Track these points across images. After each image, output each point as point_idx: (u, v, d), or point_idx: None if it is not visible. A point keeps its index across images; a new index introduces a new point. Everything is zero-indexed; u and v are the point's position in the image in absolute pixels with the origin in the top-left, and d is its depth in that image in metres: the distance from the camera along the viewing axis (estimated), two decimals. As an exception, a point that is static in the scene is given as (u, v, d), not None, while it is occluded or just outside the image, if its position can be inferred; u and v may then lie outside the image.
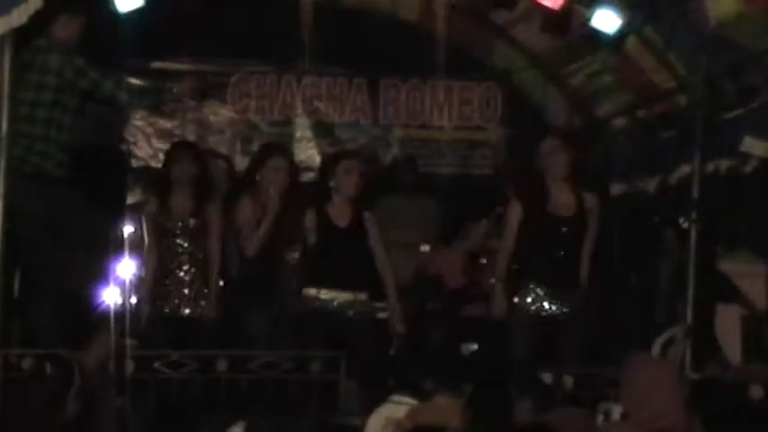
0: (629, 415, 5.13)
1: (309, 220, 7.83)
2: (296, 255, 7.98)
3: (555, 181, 7.78)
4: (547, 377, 7.33)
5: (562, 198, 7.77)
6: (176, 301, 7.95)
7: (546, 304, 7.65)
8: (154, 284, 7.98)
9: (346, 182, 7.90)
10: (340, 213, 7.89)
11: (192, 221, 8.02)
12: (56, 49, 7.26)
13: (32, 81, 7.06)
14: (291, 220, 7.89)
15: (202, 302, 7.97)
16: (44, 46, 7.18)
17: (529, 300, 7.66)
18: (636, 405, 5.04)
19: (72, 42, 7.41)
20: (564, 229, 7.71)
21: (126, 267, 7.83)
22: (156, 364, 7.22)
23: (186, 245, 8.00)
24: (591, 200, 7.85)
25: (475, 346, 8.03)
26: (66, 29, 7.36)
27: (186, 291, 7.96)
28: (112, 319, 6.63)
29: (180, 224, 8.01)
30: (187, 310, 7.94)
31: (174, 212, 8.03)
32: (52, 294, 7.27)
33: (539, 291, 7.66)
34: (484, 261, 9.14)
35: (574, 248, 7.74)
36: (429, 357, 8.30)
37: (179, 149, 8.47)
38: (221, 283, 8.08)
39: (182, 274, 7.97)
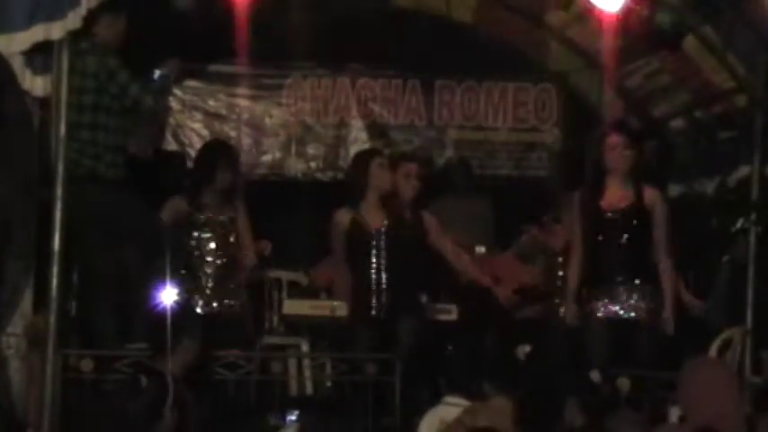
0: (687, 417, 5.08)
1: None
2: None
3: (615, 176, 7.65)
4: (594, 375, 7.27)
5: (618, 193, 7.64)
6: (200, 297, 7.88)
7: (616, 308, 7.58)
8: (184, 282, 7.87)
9: (404, 185, 7.94)
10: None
11: (220, 217, 7.97)
12: (95, 50, 7.20)
13: (74, 85, 6.80)
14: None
15: (229, 300, 7.94)
16: (85, 48, 7.08)
17: (600, 305, 7.58)
18: (693, 408, 4.99)
19: (115, 42, 7.36)
20: (616, 222, 7.59)
21: (185, 269, 7.86)
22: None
23: (214, 241, 7.94)
24: (652, 195, 7.68)
25: (528, 349, 8.00)
26: (109, 29, 7.29)
27: (211, 287, 7.91)
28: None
29: (207, 219, 7.94)
30: (214, 304, 7.88)
31: (204, 208, 7.96)
32: (110, 298, 7.29)
33: (606, 297, 7.57)
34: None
35: (634, 244, 7.61)
36: (484, 360, 8.27)
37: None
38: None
39: (208, 269, 7.92)
